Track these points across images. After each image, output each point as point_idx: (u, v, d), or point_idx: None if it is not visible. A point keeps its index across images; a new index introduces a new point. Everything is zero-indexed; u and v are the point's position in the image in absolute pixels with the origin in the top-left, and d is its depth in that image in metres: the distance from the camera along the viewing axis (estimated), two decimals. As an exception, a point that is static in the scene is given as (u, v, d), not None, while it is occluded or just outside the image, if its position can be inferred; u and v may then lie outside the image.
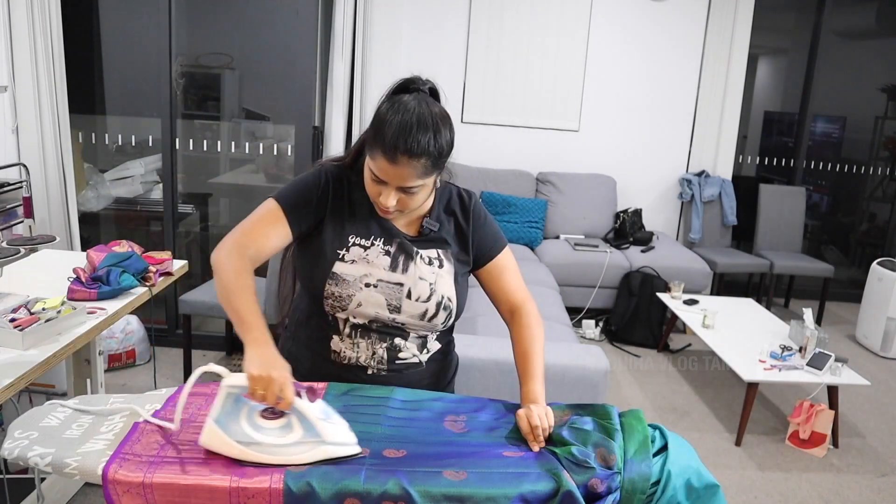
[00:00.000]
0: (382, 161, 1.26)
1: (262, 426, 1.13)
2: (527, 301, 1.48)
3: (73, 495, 2.38)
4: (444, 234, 1.45)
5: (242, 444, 1.10)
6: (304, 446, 1.11)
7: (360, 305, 1.36)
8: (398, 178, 1.27)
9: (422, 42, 4.87)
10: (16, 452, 1.13)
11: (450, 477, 1.09)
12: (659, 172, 5.16)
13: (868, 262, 4.57)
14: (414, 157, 1.25)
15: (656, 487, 1.14)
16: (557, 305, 3.59)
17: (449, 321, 1.43)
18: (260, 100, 4.27)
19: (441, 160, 1.30)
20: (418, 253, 1.41)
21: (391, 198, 1.30)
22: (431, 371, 1.47)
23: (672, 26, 4.94)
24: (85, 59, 4.02)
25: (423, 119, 1.26)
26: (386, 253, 1.39)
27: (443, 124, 1.29)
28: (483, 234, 1.48)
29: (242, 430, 1.12)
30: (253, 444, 1.10)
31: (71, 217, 3.45)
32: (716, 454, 3.04)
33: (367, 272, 1.37)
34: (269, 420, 1.14)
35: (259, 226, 1.36)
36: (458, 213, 1.47)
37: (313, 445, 1.11)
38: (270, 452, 1.10)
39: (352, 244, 1.39)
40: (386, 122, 1.26)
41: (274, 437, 1.12)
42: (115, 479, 1.06)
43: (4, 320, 1.73)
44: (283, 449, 1.11)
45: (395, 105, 1.28)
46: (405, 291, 1.38)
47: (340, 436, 1.13)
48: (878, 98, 5.62)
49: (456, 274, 1.44)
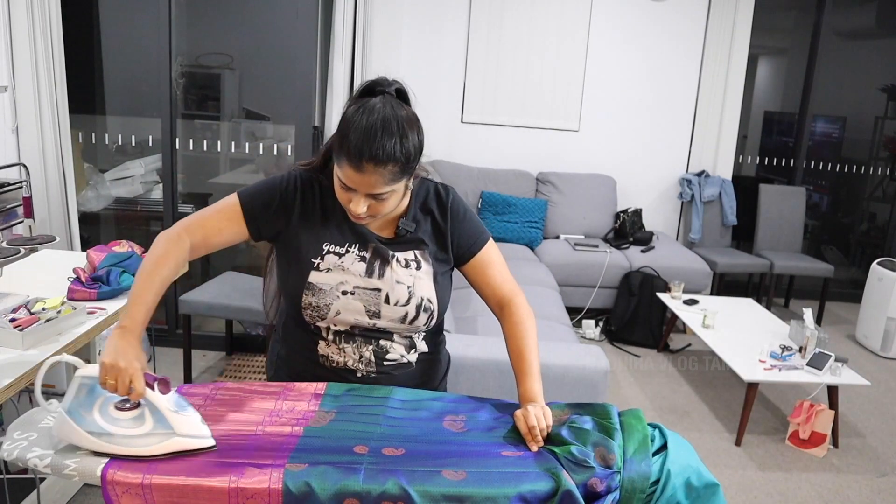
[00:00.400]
0: (348, 169, 1.23)
1: (115, 417, 1.13)
2: (515, 294, 1.45)
3: (73, 496, 2.38)
4: (420, 234, 1.41)
5: (94, 434, 1.10)
6: (154, 437, 1.11)
7: (339, 314, 1.35)
8: (366, 186, 1.24)
9: (422, 42, 4.87)
10: (15, 453, 1.13)
11: (449, 477, 1.09)
12: (659, 172, 5.16)
13: (868, 262, 4.57)
14: (380, 164, 1.21)
15: (656, 487, 1.14)
16: (557, 305, 3.59)
17: (431, 322, 1.41)
18: (260, 100, 4.27)
19: (410, 165, 1.26)
20: (394, 256, 1.38)
21: (361, 205, 1.27)
22: (422, 370, 1.46)
23: (672, 26, 4.94)
24: (85, 59, 4.02)
25: (388, 124, 1.22)
26: (361, 259, 1.37)
27: (409, 128, 1.25)
28: (463, 230, 1.44)
29: (94, 421, 1.12)
30: (104, 435, 1.11)
31: (71, 217, 3.45)
32: (716, 454, 3.04)
33: (342, 280, 1.35)
34: (123, 412, 1.14)
35: (215, 218, 1.36)
36: (436, 211, 1.44)
37: (164, 437, 1.11)
38: (121, 444, 1.11)
39: (326, 252, 1.36)
40: (350, 129, 1.22)
41: (125, 429, 1.12)
42: (115, 479, 1.06)
43: (4, 320, 1.73)
44: (133, 440, 1.11)
45: (359, 109, 1.24)
46: (383, 296, 1.36)
47: (192, 428, 1.13)
48: (878, 98, 5.62)
49: (435, 274, 1.41)
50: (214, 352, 3.72)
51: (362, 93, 1.30)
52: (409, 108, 1.29)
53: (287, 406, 1.28)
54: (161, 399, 1.13)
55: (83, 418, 1.12)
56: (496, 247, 1.49)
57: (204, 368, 3.55)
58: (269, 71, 4.23)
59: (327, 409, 1.28)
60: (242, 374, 3.50)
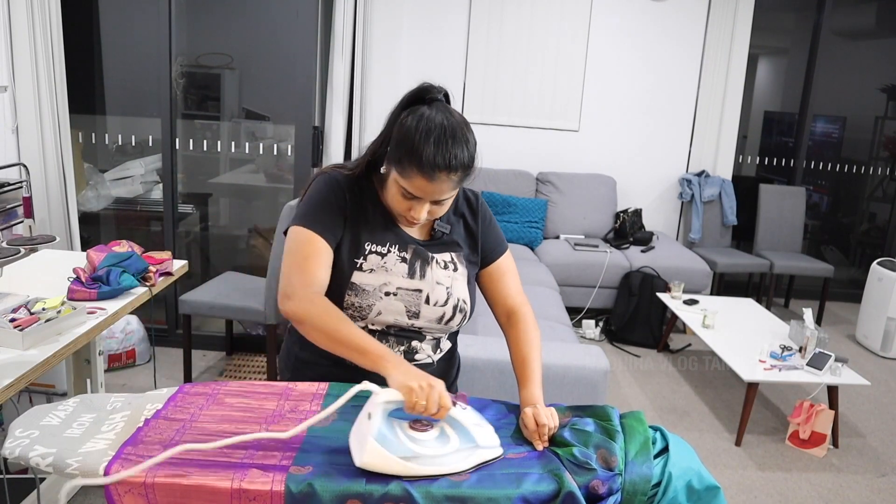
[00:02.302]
0: (420, 180, 1.26)
1: (419, 438, 1.13)
2: (524, 305, 1.48)
3: (74, 495, 2.38)
4: (455, 236, 1.45)
5: (405, 458, 1.08)
6: (463, 453, 1.12)
7: (381, 314, 1.36)
8: (435, 193, 1.28)
9: (422, 42, 4.87)
10: (17, 452, 1.13)
11: (451, 477, 1.09)
12: (659, 172, 5.16)
13: (868, 262, 4.57)
14: (452, 172, 1.26)
15: (657, 489, 1.14)
16: (557, 305, 3.59)
17: (464, 322, 1.44)
18: (260, 100, 4.27)
19: (472, 169, 1.31)
20: (433, 258, 1.41)
21: (424, 211, 1.31)
22: (442, 370, 1.47)
23: (672, 26, 4.94)
24: (85, 59, 4.02)
25: (455, 133, 1.26)
26: (402, 260, 1.39)
27: (469, 132, 1.30)
28: (489, 235, 1.49)
29: (404, 446, 1.10)
30: (414, 458, 1.09)
31: (71, 217, 3.45)
32: (716, 454, 3.04)
33: (386, 280, 1.37)
34: (422, 432, 1.14)
35: (310, 260, 1.33)
36: (467, 214, 1.48)
37: (471, 451, 1.12)
38: (432, 464, 1.09)
39: (368, 252, 1.38)
40: (418, 141, 1.25)
41: (433, 448, 1.12)
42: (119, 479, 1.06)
43: (4, 320, 1.73)
44: (443, 458, 1.10)
45: (421, 121, 1.26)
46: (424, 297, 1.38)
47: (490, 439, 1.15)
48: (878, 98, 5.62)
49: (469, 276, 1.45)
50: (214, 352, 3.72)
51: (411, 101, 1.32)
52: (458, 112, 1.33)
53: (289, 406, 1.28)
54: (465, 415, 1.15)
55: (390, 444, 1.09)
56: (512, 257, 1.53)
57: (204, 368, 3.55)
58: (269, 71, 4.22)
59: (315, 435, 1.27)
60: (242, 374, 3.50)
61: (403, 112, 1.31)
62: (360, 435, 1.10)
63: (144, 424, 1.20)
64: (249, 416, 1.25)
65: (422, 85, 1.33)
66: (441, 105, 1.31)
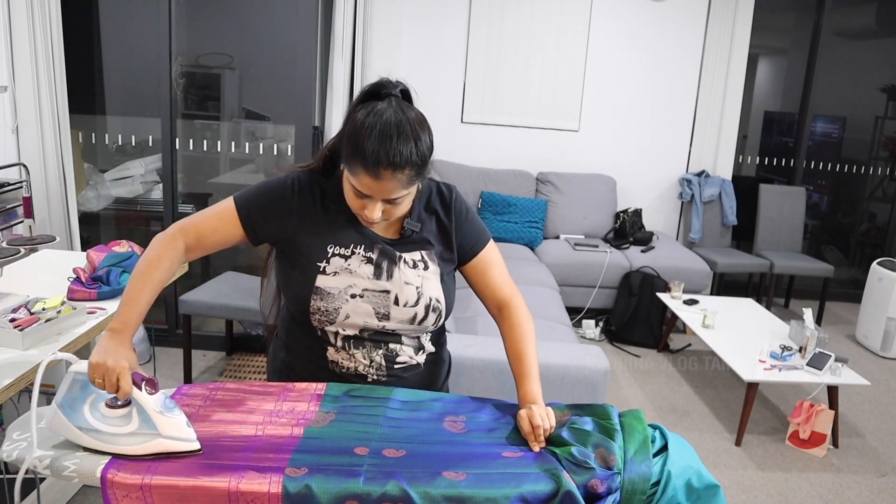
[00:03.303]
0: (365, 177, 1.21)
1: (104, 415, 1.15)
2: (514, 296, 1.45)
3: (72, 496, 2.38)
4: (426, 233, 1.41)
5: (82, 430, 1.13)
6: (139, 437, 1.12)
7: (349, 317, 1.33)
8: (383, 192, 1.23)
9: (422, 42, 4.87)
10: (14, 454, 1.13)
11: (449, 477, 1.09)
12: (659, 172, 5.16)
13: (868, 262, 4.57)
14: (398, 170, 1.20)
15: (656, 488, 1.14)
16: (557, 305, 3.59)
17: (439, 322, 1.41)
18: (260, 100, 4.27)
19: (424, 167, 1.25)
20: (401, 257, 1.37)
21: (376, 211, 1.26)
22: (429, 371, 1.45)
23: (672, 26, 4.94)
24: (85, 59, 4.02)
25: (402, 128, 1.20)
26: (368, 261, 1.35)
27: (421, 130, 1.24)
28: (466, 229, 1.44)
29: (83, 417, 1.14)
30: (92, 431, 1.13)
31: (71, 217, 3.45)
32: (716, 454, 3.04)
33: (351, 283, 1.33)
34: (112, 409, 1.16)
35: (211, 220, 1.35)
36: (440, 211, 1.43)
37: (149, 437, 1.12)
38: (108, 441, 1.12)
39: (331, 255, 1.34)
40: (363, 136, 1.20)
41: (112, 426, 1.14)
42: (114, 481, 1.06)
43: (4, 320, 1.73)
44: (119, 438, 1.13)
45: (369, 116, 1.22)
46: (392, 298, 1.34)
47: (177, 430, 1.13)
48: (878, 98, 5.62)
49: (442, 274, 1.40)
50: (214, 352, 3.72)
51: (367, 96, 1.28)
52: (416, 109, 1.28)
53: (287, 407, 1.28)
54: (147, 399, 1.14)
55: (74, 413, 1.14)
56: (496, 248, 1.49)
57: (204, 368, 3.55)
58: (269, 71, 4.22)
59: (327, 410, 1.27)
60: (242, 374, 3.50)
61: (358, 107, 1.27)
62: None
63: None
64: (247, 416, 1.25)
65: (379, 80, 1.29)
66: (396, 100, 1.25)
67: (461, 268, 1.47)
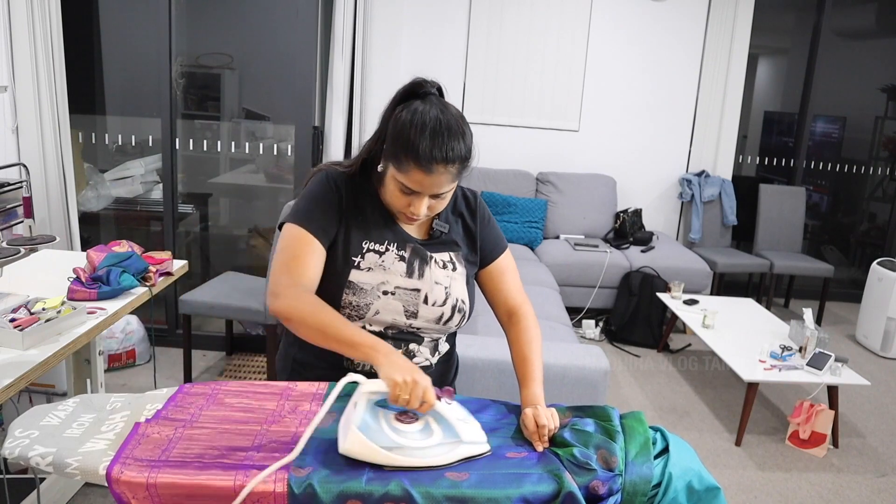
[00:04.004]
0: (418, 174, 1.25)
1: (403, 430, 1.15)
2: (525, 303, 1.48)
3: (73, 495, 2.38)
4: (453, 235, 1.45)
5: (386, 448, 1.10)
6: (445, 447, 1.13)
7: (378, 313, 1.35)
8: (433, 187, 1.28)
9: (422, 42, 4.87)
10: (17, 452, 1.13)
11: (452, 478, 1.09)
12: (659, 172, 5.16)
13: (868, 262, 4.57)
14: (450, 164, 1.25)
15: (657, 489, 1.14)
16: (557, 305, 3.59)
17: (462, 323, 1.43)
18: (260, 100, 4.27)
19: (469, 161, 1.30)
20: (432, 257, 1.40)
21: (424, 206, 1.30)
22: (439, 372, 1.47)
23: (672, 26, 4.94)
24: (85, 59, 4.02)
25: (450, 125, 1.26)
26: (401, 259, 1.38)
27: (465, 125, 1.30)
28: (488, 234, 1.49)
29: (386, 436, 1.12)
30: (396, 448, 1.11)
31: (71, 217, 3.45)
32: (716, 454, 3.04)
33: (384, 279, 1.36)
34: (407, 424, 1.16)
35: (300, 259, 1.32)
36: (466, 214, 1.48)
37: (453, 446, 1.14)
38: (414, 455, 1.11)
39: (366, 251, 1.37)
40: (414, 135, 1.24)
41: (416, 440, 1.13)
42: (120, 479, 1.06)
43: (4, 320, 1.73)
44: (425, 451, 1.12)
45: (416, 115, 1.26)
46: (422, 297, 1.37)
47: (476, 435, 1.16)
48: (878, 98, 5.62)
49: (467, 276, 1.44)
50: (214, 352, 3.72)
51: (405, 96, 1.32)
52: (454, 106, 1.32)
53: (289, 406, 1.28)
54: (449, 409, 1.16)
55: (373, 434, 1.12)
56: (512, 256, 1.53)
57: (204, 368, 3.55)
58: (269, 71, 4.23)
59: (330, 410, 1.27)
60: (242, 374, 3.50)
61: (398, 108, 1.31)
62: (346, 423, 1.13)
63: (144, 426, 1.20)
64: (250, 416, 1.25)
65: (414, 80, 1.33)
66: (435, 99, 1.31)
67: (478, 272, 1.50)
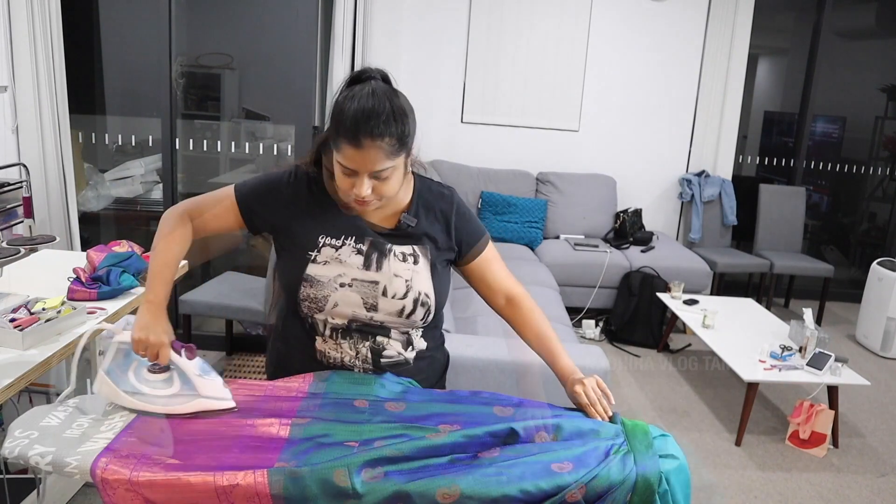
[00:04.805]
0: (348, 149, 1.24)
1: (147, 379, 1.28)
2: (519, 286, 1.51)
3: (73, 495, 2.38)
4: (422, 229, 1.43)
5: (128, 393, 1.25)
6: (181, 398, 1.25)
7: (337, 306, 1.36)
8: (367, 163, 1.25)
9: (422, 42, 4.87)
10: (16, 451, 1.13)
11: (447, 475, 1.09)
12: (659, 172, 5.16)
13: (868, 262, 4.57)
14: (378, 138, 1.23)
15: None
16: (557, 305, 3.59)
17: (428, 317, 1.41)
18: (260, 100, 4.27)
19: (406, 138, 1.28)
20: (392, 249, 1.39)
21: (365, 186, 1.27)
22: (420, 368, 1.46)
23: (672, 26, 4.94)
24: (85, 59, 4.02)
25: (378, 99, 1.25)
26: (358, 252, 1.38)
27: (405, 106, 1.29)
28: (467, 229, 1.47)
29: (129, 381, 1.27)
30: (137, 394, 1.25)
31: (71, 217, 3.45)
32: (716, 454, 3.04)
33: (340, 272, 1.36)
34: (154, 374, 1.28)
35: (212, 205, 1.43)
36: (439, 209, 1.45)
37: (190, 398, 1.25)
38: (152, 402, 1.25)
39: (322, 245, 1.38)
40: (343, 111, 1.25)
41: (155, 389, 1.26)
42: (105, 477, 1.07)
43: (4, 320, 1.73)
44: (162, 399, 1.25)
45: (349, 94, 1.28)
46: (380, 289, 1.37)
47: (215, 391, 1.26)
48: (878, 98, 5.62)
49: (433, 269, 1.42)
50: (214, 352, 3.72)
51: (350, 83, 1.33)
52: (398, 91, 1.32)
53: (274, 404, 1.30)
54: (187, 364, 1.26)
55: (119, 378, 1.26)
56: (493, 245, 1.54)
57: (204, 368, 3.55)
58: (269, 71, 4.23)
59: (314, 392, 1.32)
60: (242, 374, 3.50)
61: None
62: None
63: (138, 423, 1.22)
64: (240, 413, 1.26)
65: (361, 68, 1.35)
66: (375, 83, 1.30)
67: (463, 267, 1.49)
